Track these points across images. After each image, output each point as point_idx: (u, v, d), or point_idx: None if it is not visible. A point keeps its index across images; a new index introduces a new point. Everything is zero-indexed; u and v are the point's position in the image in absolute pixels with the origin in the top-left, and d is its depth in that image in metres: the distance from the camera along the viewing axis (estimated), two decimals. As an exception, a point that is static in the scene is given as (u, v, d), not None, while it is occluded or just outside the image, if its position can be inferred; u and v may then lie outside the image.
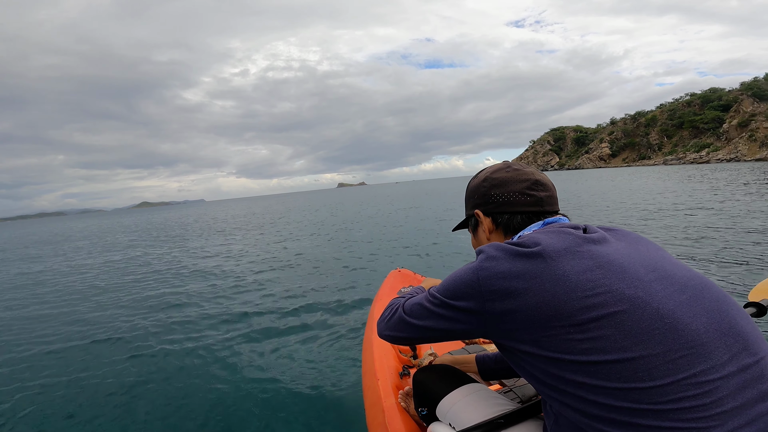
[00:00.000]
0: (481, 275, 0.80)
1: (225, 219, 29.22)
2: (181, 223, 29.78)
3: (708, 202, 12.55)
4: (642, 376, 0.68)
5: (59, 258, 13.37)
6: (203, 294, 6.08)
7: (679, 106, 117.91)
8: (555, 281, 0.75)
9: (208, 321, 4.63)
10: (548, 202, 0.98)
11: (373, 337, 2.22)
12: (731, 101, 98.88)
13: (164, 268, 8.99)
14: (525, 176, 0.99)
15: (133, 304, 5.80)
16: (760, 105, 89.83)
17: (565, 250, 0.79)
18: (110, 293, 6.73)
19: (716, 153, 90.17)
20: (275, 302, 5.21)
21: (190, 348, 3.79)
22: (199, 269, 8.33)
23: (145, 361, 3.59)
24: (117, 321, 4.96)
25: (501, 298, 0.78)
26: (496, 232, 1.01)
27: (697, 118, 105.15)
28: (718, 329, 0.72)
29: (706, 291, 0.77)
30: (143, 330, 4.47)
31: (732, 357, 0.70)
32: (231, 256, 9.99)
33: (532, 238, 0.83)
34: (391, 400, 1.62)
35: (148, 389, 3.05)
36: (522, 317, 0.76)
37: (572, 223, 0.91)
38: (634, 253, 0.81)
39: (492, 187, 1.01)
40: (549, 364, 0.76)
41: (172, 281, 7.32)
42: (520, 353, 0.81)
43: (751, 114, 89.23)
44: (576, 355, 0.72)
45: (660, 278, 0.77)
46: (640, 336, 0.69)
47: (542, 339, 0.75)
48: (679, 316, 0.71)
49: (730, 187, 17.64)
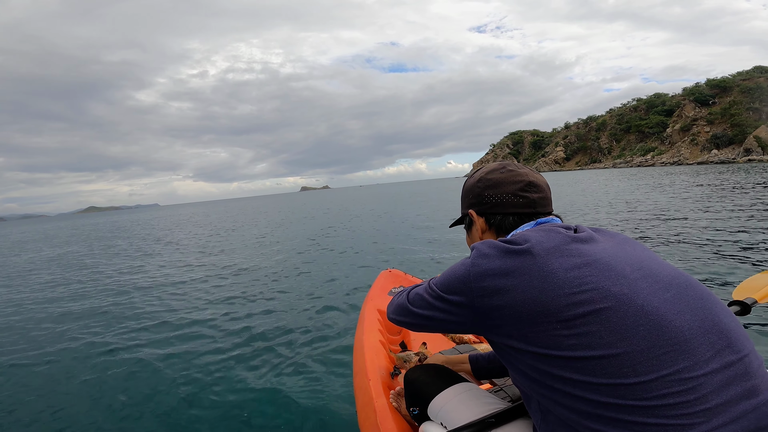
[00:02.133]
0: (473, 272, 0.83)
1: (183, 224, 28.36)
2: (146, 225, 28.61)
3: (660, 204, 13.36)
4: (626, 372, 0.69)
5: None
6: (179, 298, 5.92)
7: (626, 111, 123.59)
8: (543, 278, 0.77)
9: (190, 326, 4.51)
10: (541, 203, 1.00)
11: (364, 337, 2.23)
12: (674, 106, 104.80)
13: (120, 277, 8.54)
14: (519, 177, 1.00)
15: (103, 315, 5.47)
16: (701, 110, 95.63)
17: (554, 248, 0.81)
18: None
19: (661, 156, 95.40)
20: (263, 305, 5.17)
21: (173, 353, 3.72)
22: (168, 274, 8.06)
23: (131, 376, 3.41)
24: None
25: (490, 295, 0.80)
26: (489, 231, 1.04)
27: (642, 123, 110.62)
28: (701, 327, 0.73)
29: (690, 289, 0.79)
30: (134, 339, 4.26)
31: (715, 354, 0.71)
32: (212, 261, 9.57)
33: (522, 236, 0.85)
34: (383, 400, 1.62)
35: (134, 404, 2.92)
36: (510, 313, 0.78)
37: (563, 224, 0.94)
38: (621, 252, 0.83)
39: (486, 188, 1.03)
40: (537, 360, 0.77)
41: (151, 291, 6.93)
42: (509, 349, 0.83)
43: (692, 119, 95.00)
44: (563, 351, 0.73)
45: (645, 276, 0.78)
46: (625, 332, 0.71)
47: (530, 335, 0.77)
48: (663, 313, 0.73)
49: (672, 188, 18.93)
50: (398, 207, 24.58)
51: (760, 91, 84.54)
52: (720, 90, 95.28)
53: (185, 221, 31.91)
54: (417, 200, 30.26)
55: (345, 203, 37.01)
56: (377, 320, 2.52)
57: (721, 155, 79.73)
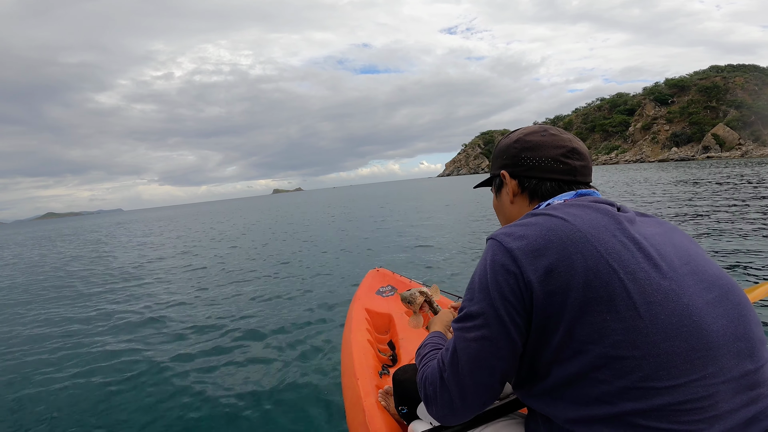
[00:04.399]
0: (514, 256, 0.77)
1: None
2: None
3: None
4: (662, 375, 0.66)
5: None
6: (164, 301, 5.76)
7: (591, 110, 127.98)
8: (591, 258, 0.72)
9: (171, 331, 4.37)
10: (582, 172, 0.92)
11: (351, 336, 2.23)
12: (635, 106, 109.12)
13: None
14: (561, 142, 0.93)
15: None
16: (660, 109, 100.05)
17: (603, 226, 0.75)
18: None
19: (624, 155, 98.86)
20: (251, 306, 5.06)
21: (159, 360, 3.57)
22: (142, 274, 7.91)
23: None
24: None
25: (543, 280, 0.75)
26: (521, 195, 0.96)
27: (606, 122, 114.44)
28: (734, 334, 0.71)
29: (731, 293, 0.75)
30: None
31: (738, 362, 0.69)
32: (198, 263, 9.34)
33: (562, 210, 0.80)
34: (371, 399, 1.61)
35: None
36: (561, 300, 0.73)
37: (605, 199, 0.86)
38: (669, 242, 0.78)
39: (524, 149, 0.94)
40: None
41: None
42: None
43: (653, 117, 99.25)
44: (606, 348, 0.69)
45: (692, 272, 0.74)
46: (670, 331, 0.67)
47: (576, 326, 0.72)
48: (704, 316, 0.69)
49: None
50: (375, 207, 24.66)
51: (717, 90, 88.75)
52: (678, 89, 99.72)
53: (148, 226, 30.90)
54: (396, 199, 30.15)
55: (321, 205, 36.93)
56: (365, 319, 2.51)
57: (681, 153, 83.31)
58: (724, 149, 75.37)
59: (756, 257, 5.08)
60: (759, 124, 75.81)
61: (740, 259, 5.04)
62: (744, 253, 5.31)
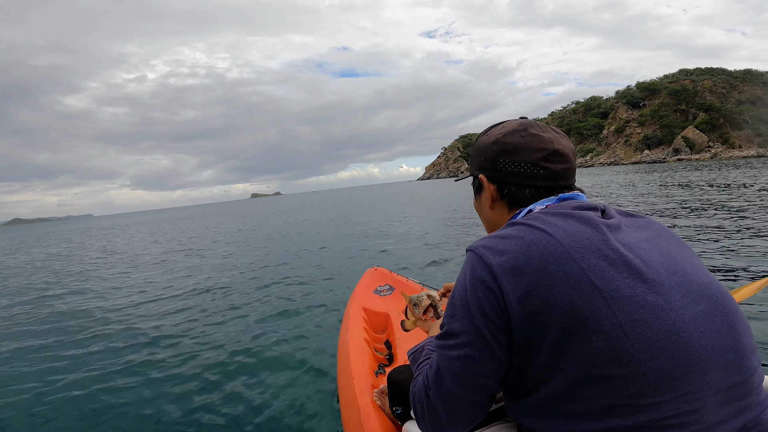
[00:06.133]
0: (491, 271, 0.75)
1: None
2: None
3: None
4: (647, 392, 0.64)
5: None
6: (154, 303, 5.65)
7: (566, 113, 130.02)
8: (573, 277, 0.70)
9: (168, 334, 4.24)
10: (563, 175, 0.86)
11: (348, 335, 2.22)
12: (609, 109, 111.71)
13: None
14: (542, 144, 0.85)
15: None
16: (633, 112, 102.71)
17: (586, 239, 0.72)
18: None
19: (599, 157, 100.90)
20: (246, 306, 4.99)
21: (155, 361, 3.52)
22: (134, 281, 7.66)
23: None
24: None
25: (522, 300, 0.74)
26: (500, 202, 0.91)
27: (581, 125, 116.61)
28: (723, 347, 0.68)
29: (720, 303, 0.72)
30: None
31: (726, 375, 0.68)
32: (188, 265, 9.22)
33: (543, 220, 0.76)
34: (367, 398, 1.62)
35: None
36: (545, 320, 0.72)
37: (589, 203, 0.82)
38: (655, 249, 0.75)
39: (502, 152, 0.88)
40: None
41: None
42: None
43: (626, 120, 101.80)
44: (590, 368, 0.67)
45: (680, 284, 0.71)
46: (656, 349, 0.65)
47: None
48: (691, 331, 0.67)
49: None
50: (357, 210, 24.62)
51: (686, 93, 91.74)
52: (649, 92, 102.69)
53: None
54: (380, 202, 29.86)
55: (300, 209, 36.64)
56: (362, 318, 2.49)
57: (653, 155, 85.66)
58: (693, 152, 77.87)
59: (734, 258, 5.12)
60: (727, 127, 78.74)
61: (724, 260, 5.07)
62: (722, 253, 5.33)
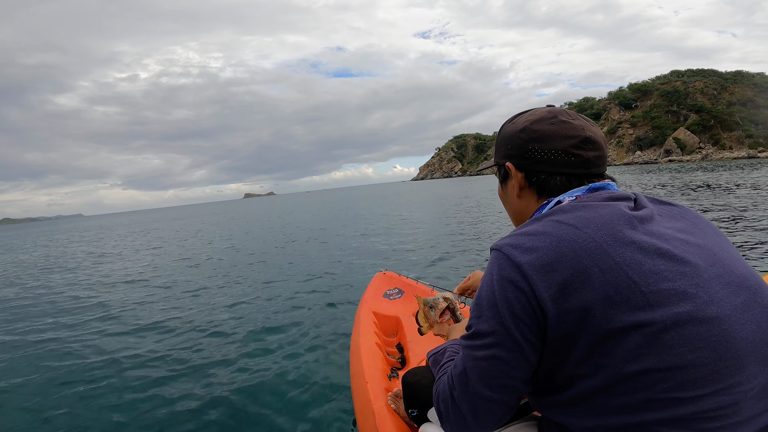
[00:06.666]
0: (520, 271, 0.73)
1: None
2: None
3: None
4: (687, 386, 0.63)
5: None
6: (171, 303, 5.60)
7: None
8: (610, 272, 0.68)
9: (179, 333, 4.25)
10: (596, 163, 0.84)
11: (360, 340, 2.23)
12: (601, 110, 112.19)
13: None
14: (573, 131, 0.82)
15: None
16: (625, 113, 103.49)
17: (618, 231, 0.70)
18: None
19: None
20: (254, 310, 4.94)
21: (168, 360, 3.55)
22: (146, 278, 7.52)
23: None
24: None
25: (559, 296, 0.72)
26: (528, 190, 0.89)
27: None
28: (762, 339, 0.67)
29: (759, 294, 0.70)
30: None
31: (764, 368, 0.67)
32: (198, 263, 9.15)
33: (578, 217, 0.73)
34: (381, 402, 1.62)
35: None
36: (579, 317, 0.70)
37: (621, 193, 0.80)
38: (692, 240, 0.73)
39: (531, 140, 0.85)
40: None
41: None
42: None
43: (618, 122, 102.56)
44: (627, 364, 0.66)
45: (719, 275, 0.69)
46: (697, 343, 0.63)
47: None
48: (732, 323, 0.65)
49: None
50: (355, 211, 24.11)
51: (677, 94, 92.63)
52: (641, 94, 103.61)
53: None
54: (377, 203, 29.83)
55: (297, 211, 36.42)
56: (372, 322, 2.49)
57: (645, 156, 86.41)
58: (685, 153, 78.64)
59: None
60: (718, 128, 79.60)
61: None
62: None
